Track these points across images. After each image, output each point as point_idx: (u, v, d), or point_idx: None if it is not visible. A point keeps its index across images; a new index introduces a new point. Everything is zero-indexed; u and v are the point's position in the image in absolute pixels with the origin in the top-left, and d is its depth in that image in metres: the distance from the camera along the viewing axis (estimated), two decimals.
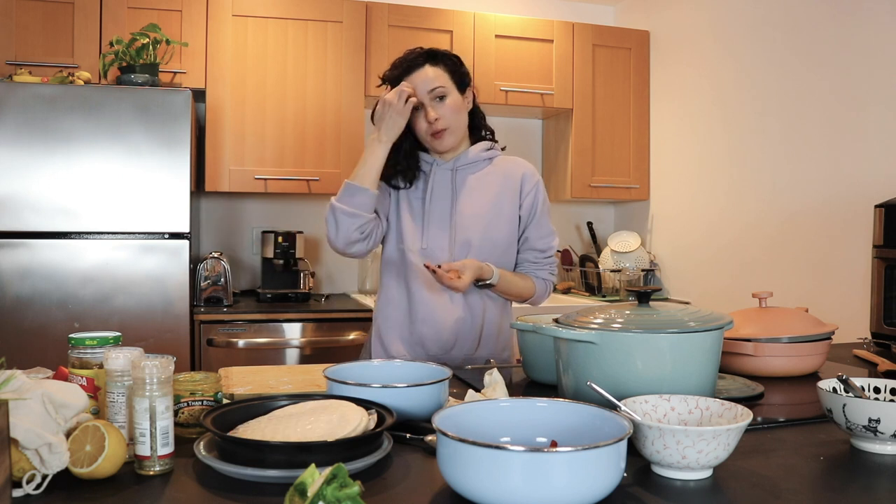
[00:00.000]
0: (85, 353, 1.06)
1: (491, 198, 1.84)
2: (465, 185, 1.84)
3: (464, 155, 1.86)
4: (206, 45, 3.12)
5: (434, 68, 1.78)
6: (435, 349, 1.82)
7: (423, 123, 1.78)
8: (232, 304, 3.08)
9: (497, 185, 1.85)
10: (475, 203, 1.83)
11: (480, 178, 1.86)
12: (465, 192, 1.84)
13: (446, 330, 1.80)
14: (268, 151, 3.22)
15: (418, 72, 1.77)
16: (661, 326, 1.13)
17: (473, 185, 1.85)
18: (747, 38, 3.11)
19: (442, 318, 1.80)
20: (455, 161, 1.85)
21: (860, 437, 1.06)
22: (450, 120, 1.78)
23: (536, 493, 0.78)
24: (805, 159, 2.81)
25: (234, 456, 0.93)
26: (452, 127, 1.79)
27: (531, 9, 3.88)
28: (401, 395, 1.13)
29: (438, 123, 1.77)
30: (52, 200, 2.63)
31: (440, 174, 1.85)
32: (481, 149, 1.87)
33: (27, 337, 2.61)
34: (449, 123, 1.78)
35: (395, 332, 1.84)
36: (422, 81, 1.76)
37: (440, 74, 1.78)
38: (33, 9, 2.94)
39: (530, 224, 1.87)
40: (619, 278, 3.65)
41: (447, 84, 1.78)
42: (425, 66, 1.77)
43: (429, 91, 1.76)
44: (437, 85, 1.76)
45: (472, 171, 1.86)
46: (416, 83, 1.76)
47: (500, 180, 1.86)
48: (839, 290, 2.63)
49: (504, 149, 1.94)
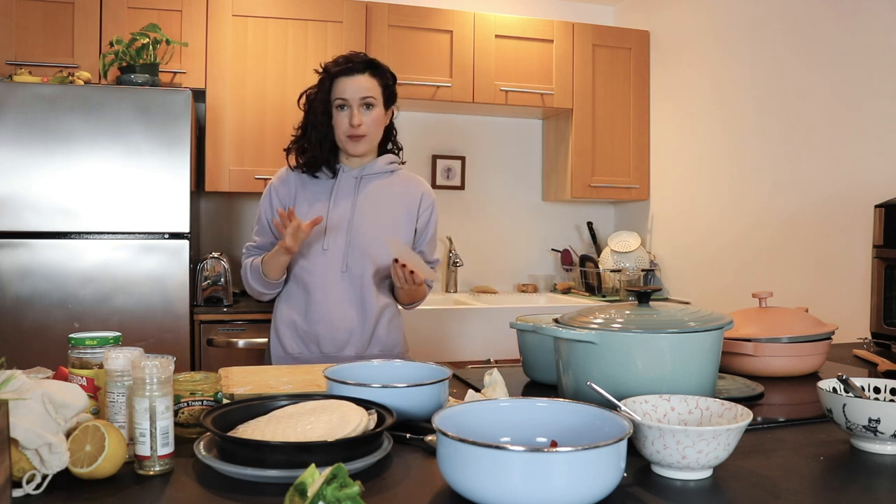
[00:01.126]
0: (85, 353, 1.06)
1: (390, 207, 1.97)
2: (368, 193, 1.96)
3: (370, 164, 1.98)
4: (206, 45, 3.12)
5: (371, 79, 1.91)
6: (329, 348, 1.92)
7: (344, 124, 1.90)
8: (232, 304, 3.07)
9: (397, 197, 1.99)
10: (375, 210, 1.95)
11: (383, 187, 1.98)
12: (367, 199, 1.95)
13: (340, 330, 1.91)
14: (268, 151, 3.22)
15: (357, 77, 1.89)
16: (661, 326, 1.13)
17: (375, 194, 1.97)
18: (747, 38, 3.11)
19: (337, 319, 1.91)
20: (361, 169, 1.97)
21: (860, 437, 1.06)
22: (370, 128, 1.91)
23: (536, 493, 0.78)
24: (805, 159, 2.81)
25: (234, 456, 0.93)
26: (371, 136, 1.92)
27: (531, 9, 3.88)
28: (401, 395, 1.13)
29: (360, 129, 1.89)
30: (52, 200, 2.63)
31: (345, 180, 1.96)
32: (386, 161, 2.00)
33: (27, 337, 2.61)
34: (369, 131, 1.91)
35: (290, 330, 1.94)
36: (357, 86, 1.89)
37: (374, 86, 1.91)
38: (33, 9, 2.94)
39: (424, 240, 2.02)
40: (619, 278, 3.65)
41: (377, 97, 1.91)
42: (365, 73, 1.90)
43: (360, 97, 1.88)
44: (369, 95, 1.89)
45: (375, 180, 1.98)
46: (351, 86, 1.88)
47: (401, 193, 2.00)
48: (839, 290, 2.63)
49: (404, 163, 2.07)
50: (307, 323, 1.92)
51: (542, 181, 3.99)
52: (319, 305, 1.91)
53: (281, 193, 1.98)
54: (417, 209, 2.01)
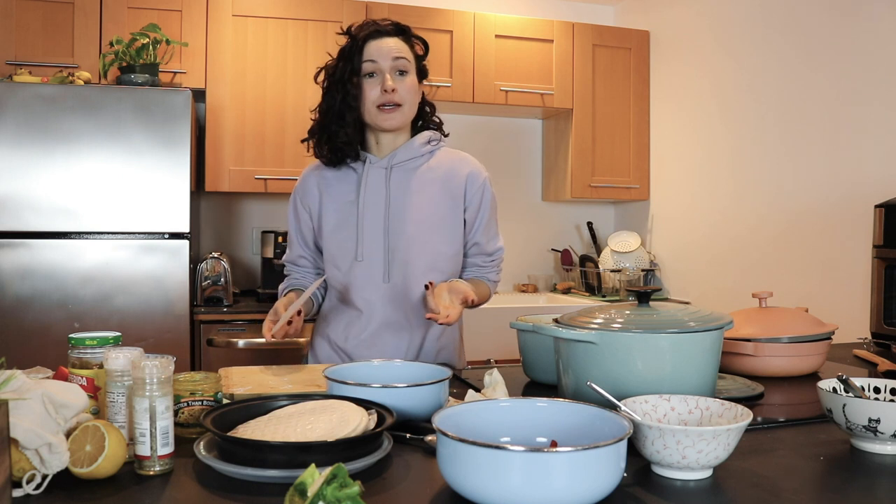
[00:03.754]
0: (85, 353, 1.06)
1: (430, 199, 1.67)
2: (402, 185, 1.67)
3: (403, 149, 1.68)
4: (206, 45, 3.12)
5: (403, 43, 1.65)
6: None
7: (375, 92, 1.61)
8: (232, 304, 3.07)
9: (437, 185, 1.68)
10: (414, 205, 1.66)
11: (420, 175, 1.68)
12: (402, 193, 1.66)
13: (385, 353, 1.66)
14: (268, 151, 3.22)
15: (386, 39, 1.63)
16: (661, 326, 1.13)
17: (411, 185, 1.67)
18: (747, 38, 3.11)
19: (380, 342, 1.68)
20: (391, 157, 1.67)
21: (860, 437, 1.06)
22: (405, 97, 1.62)
23: (536, 493, 0.78)
24: (805, 159, 2.81)
25: (234, 456, 0.92)
26: (406, 106, 1.63)
27: (531, 9, 3.88)
28: (401, 395, 1.13)
29: (395, 95, 1.60)
30: (52, 200, 2.63)
31: (373, 173, 1.67)
32: (423, 141, 1.70)
33: (27, 337, 2.61)
34: (404, 100, 1.62)
35: (327, 346, 1.74)
36: (387, 48, 1.61)
37: (408, 50, 1.65)
38: (33, 9, 2.94)
39: (479, 228, 1.72)
40: (619, 278, 3.65)
41: (412, 62, 1.64)
42: (395, 36, 1.64)
43: (393, 59, 1.61)
44: (402, 56, 1.62)
45: (409, 167, 1.68)
46: (381, 47, 1.61)
47: (442, 179, 1.69)
48: (839, 290, 2.63)
49: (447, 135, 1.77)
50: (345, 341, 1.70)
51: (541, 181, 3.99)
52: (359, 321, 1.68)
53: (306, 202, 1.73)
54: (464, 194, 1.69)
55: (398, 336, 1.68)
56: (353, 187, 1.68)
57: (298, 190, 1.77)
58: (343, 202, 1.68)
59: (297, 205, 1.75)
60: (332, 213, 1.69)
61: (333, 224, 1.68)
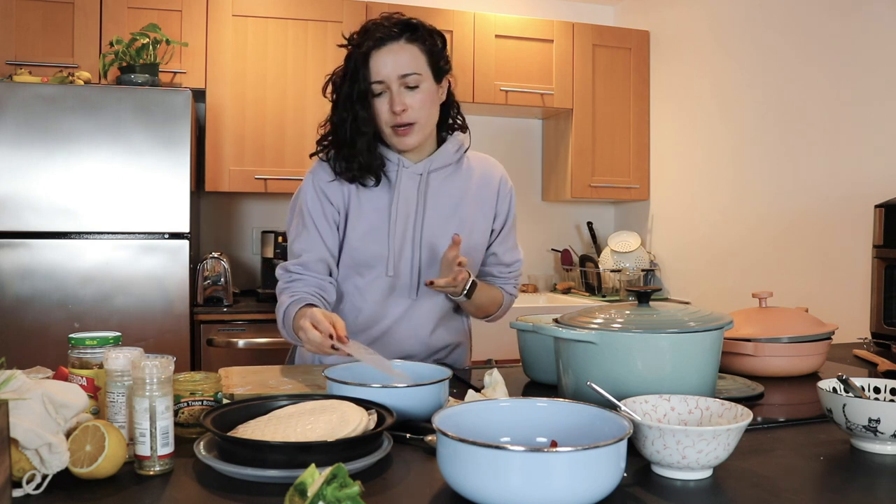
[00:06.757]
0: (85, 353, 1.06)
1: (462, 210, 1.59)
2: (436, 194, 1.57)
3: (438, 155, 1.57)
4: (206, 45, 3.12)
5: (411, 47, 1.47)
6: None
7: (385, 112, 1.48)
8: (232, 304, 3.07)
9: (471, 193, 1.61)
10: (447, 217, 1.57)
11: (454, 183, 1.59)
12: (437, 203, 1.57)
13: (396, 355, 1.57)
14: (268, 151, 3.22)
15: (391, 47, 1.46)
16: (661, 326, 1.13)
17: (445, 194, 1.58)
18: (747, 38, 3.11)
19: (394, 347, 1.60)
20: (428, 163, 1.56)
21: (860, 437, 1.06)
22: (419, 114, 1.48)
23: (536, 493, 0.78)
24: (805, 159, 2.81)
25: (234, 456, 0.92)
26: (421, 122, 1.50)
27: (531, 9, 3.88)
28: (401, 395, 1.13)
29: (405, 115, 1.47)
30: (52, 200, 2.63)
31: (406, 179, 1.55)
32: (454, 149, 1.60)
33: (27, 337, 2.61)
34: (417, 118, 1.48)
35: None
36: (393, 62, 1.45)
37: (416, 57, 1.48)
38: (33, 9, 2.94)
39: (500, 237, 1.65)
40: (619, 278, 3.65)
41: (423, 70, 1.48)
42: (401, 41, 1.47)
43: (399, 76, 1.46)
44: (410, 71, 1.46)
45: (443, 175, 1.59)
46: (386, 62, 1.45)
47: (476, 188, 1.61)
48: (839, 290, 2.63)
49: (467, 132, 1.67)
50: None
51: (541, 181, 3.99)
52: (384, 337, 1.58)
53: (333, 197, 1.55)
54: (495, 203, 1.62)
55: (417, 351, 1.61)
56: (384, 192, 1.56)
57: (321, 178, 1.56)
58: (374, 206, 1.55)
59: (321, 196, 1.55)
60: (361, 218, 1.55)
61: (363, 230, 1.55)
